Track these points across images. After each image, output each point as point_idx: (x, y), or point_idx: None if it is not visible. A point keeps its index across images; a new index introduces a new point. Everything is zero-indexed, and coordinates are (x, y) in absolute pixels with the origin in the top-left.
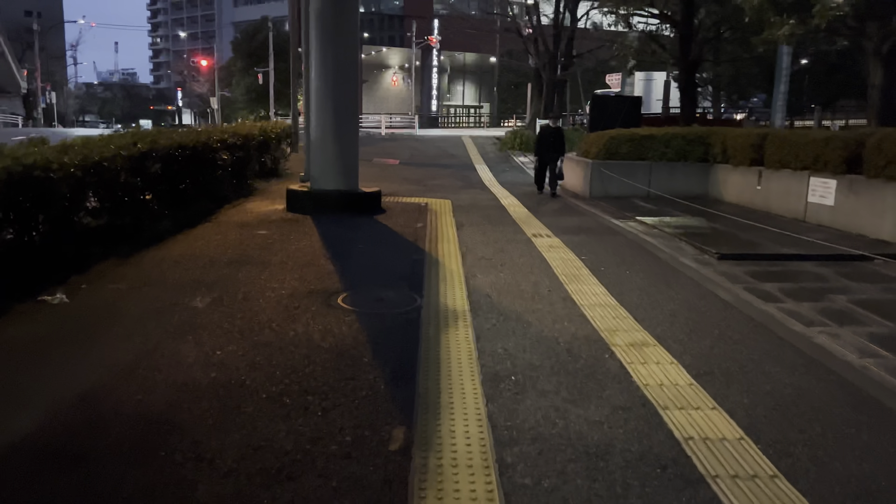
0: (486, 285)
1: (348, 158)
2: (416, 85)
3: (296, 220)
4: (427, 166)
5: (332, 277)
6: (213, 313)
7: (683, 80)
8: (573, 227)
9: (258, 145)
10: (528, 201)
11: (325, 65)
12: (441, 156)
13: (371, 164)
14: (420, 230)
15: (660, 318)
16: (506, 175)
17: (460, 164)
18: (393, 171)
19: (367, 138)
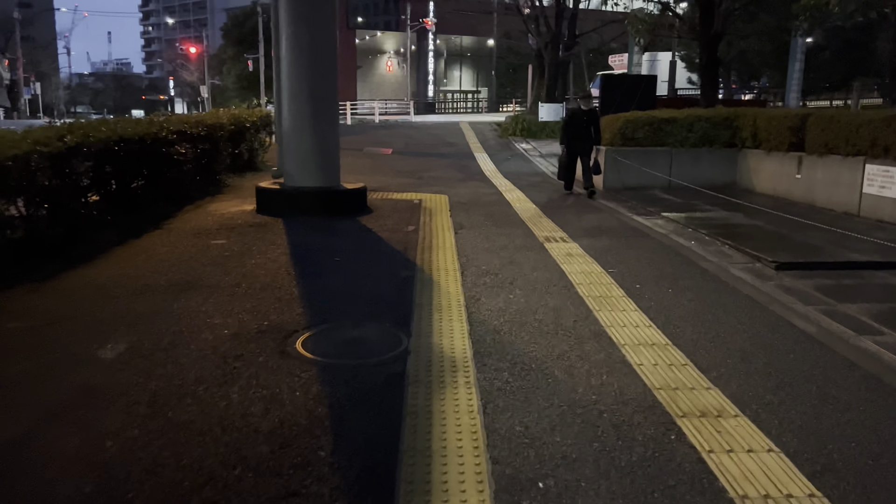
0: (493, 315)
1: (327, 151)
2: (411, 70)
3: (263, 225)
4: (423, 156)
5: (294, 307)
6: (122, 370)
7: (705, 56)
8: (592, 228)
9: (230, 135)
10: (536, 195)
11: (298, 44)
12: (438, 144)
13: (362, 155)
14: (411, 235)
15: (730, 366)
16: (508, 164)
17: (458, 153)
18: (385, 162)
19: (359, 126)
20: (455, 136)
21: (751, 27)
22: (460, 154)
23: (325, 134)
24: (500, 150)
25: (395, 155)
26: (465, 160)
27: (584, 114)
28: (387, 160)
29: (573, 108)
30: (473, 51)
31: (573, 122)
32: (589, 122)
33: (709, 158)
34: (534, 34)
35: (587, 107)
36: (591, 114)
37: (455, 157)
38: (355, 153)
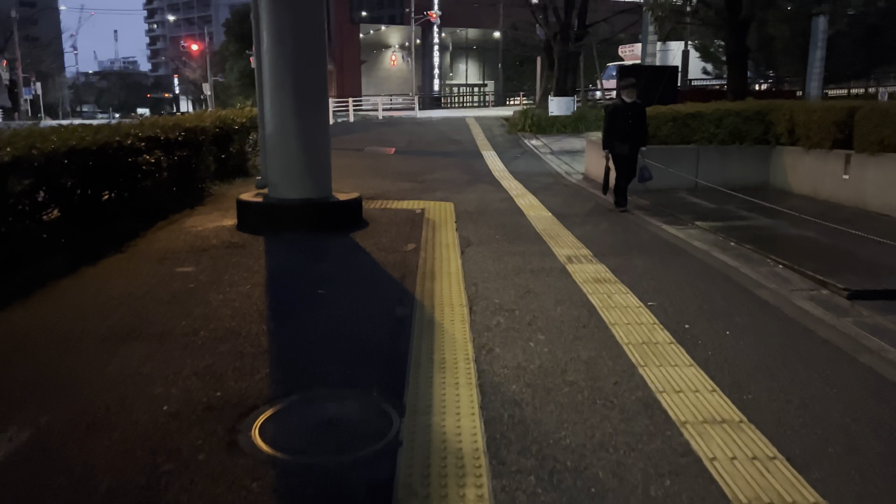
0: (511, 375)
1: (316, 156)
2: (416, 64)
3: (241, 246)
4: (427, 155)
5: (258, 366)
6: (11, 475)
7: (733, 43)
8: (619, 243)
9: (214, 139)
10: (551, 200)
11: (280, 33)
12: (443, 141)
13: (362, 155)
14: (411, 256)
15: (835, 461)
16: (518, 163)
17: (465, 152)
18: (387, 163)
19: (361, 123)
20: (461, 133)
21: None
22: (466, 153)
23: (313, 136)
24: (508, 147)
25: (397, 154)
26: (472, 159)
27: (628, 108)
28: (388, 161)
29: (614, 103)
30: (479, 43)
31: (616, 120)
32: (634, 118)
33: (739, 156)
34: (542, 25)
35: (630, 99)
36: (635, 108)
37: (461, 156)
38: (355, 153)
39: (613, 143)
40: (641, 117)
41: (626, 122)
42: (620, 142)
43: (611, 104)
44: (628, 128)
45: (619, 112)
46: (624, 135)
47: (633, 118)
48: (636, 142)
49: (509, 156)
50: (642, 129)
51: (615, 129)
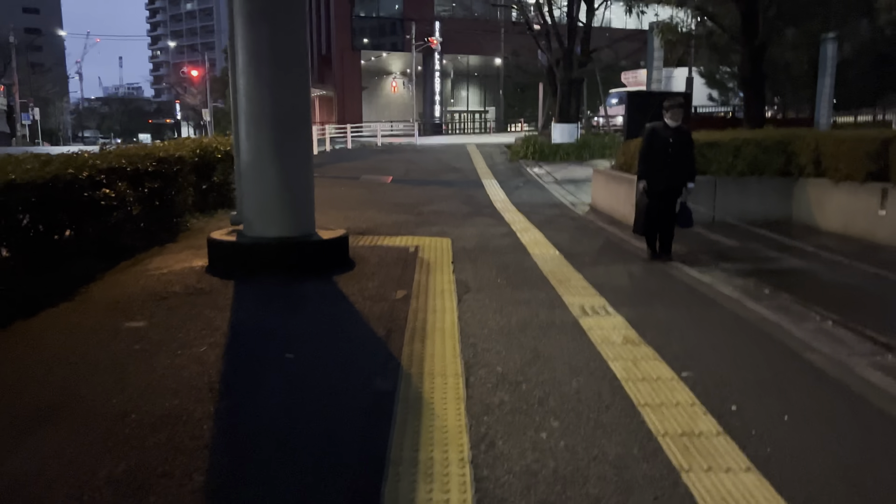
0: (518, 486)
1: (297, 190)
2: (417, 90)
3: (207, 294)
4: (425, 184)
5: (189, 474)
6: None
7: (749, 69)
8: (636, 289)
9: (194, 168)
10: (557, 236)
11: (258, 53)
12: (442, 170)
13: (357, 184)
14: (400, 307)
15: None
16: (521, 194)
17: (465, 181)
18: (382, 193)
19: (359, 151)
20: (461, 161)
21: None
22: (466, 182)
23: (293, 168)
24: (510, 175)
25: (394, 184)
26: (472, 189)
27: (671, 133)
28: (384, 191)
29: (653, 125)
30: (480, 70)
31: (654, 146)
32: (678, 145)
33: (759, 189)
34: (545, 51)
35: (675, 122)
36: (680, 135)
37: (460, 186)
38: (350, 182)
39: (650, 175)
40: (687, 146)
41: (667, 149)
42: (658, 174)
43: (650, 125)
44: (668, 157)
45: (658, 136)
46: (663, 165)
47: (677, 146)
48: (679, 175)
49: (511, 185)
50: (687, 159)
51: (653, 157)
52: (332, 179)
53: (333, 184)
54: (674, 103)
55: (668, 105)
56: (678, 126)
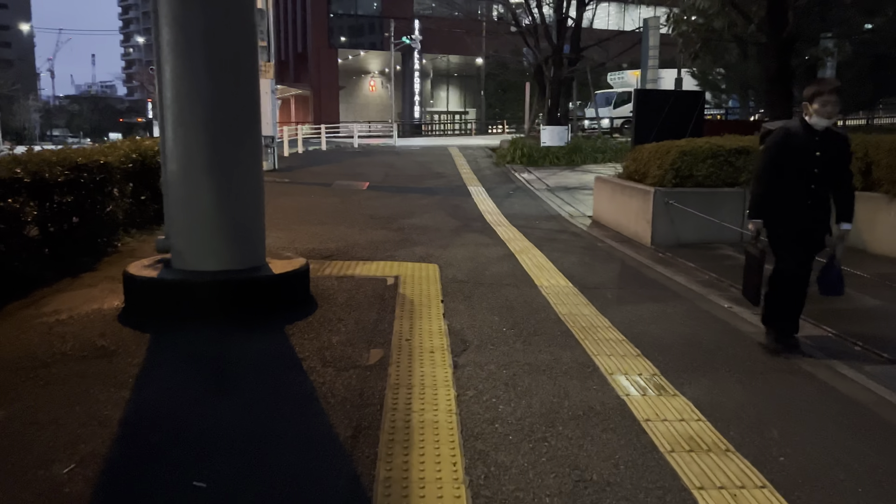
0: None
1: (242, 209)
2: (396, 90)
3: (109, 358)
4: (405, 192)
5: None
6: None
7: (774, 65)
8: (689, 345)
9: (129, 176)
10: (564, 259)
11: (188, 38)
12: (424, 175)
13: (329, 192)
14: (372, 381)
15: None
16: (512, 203)
17: (449, 188)
18: (357, 203)
19: (334, 153)
20: (444, 165)
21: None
22: (451, 189)
23: (237, 182)
24: (498, 181)
25: (370, 190)
26: (458, 197)
27: (820, 140)
28: (359, 199)
29: (788, 128)
30: (461, 70)
31: (789, 160)
32: (830, 160)
33: None
34: (533, 49)
35: (826, 121)
36: (833, 142)
37: (445, 194)
38: (321, 189)
39: (779, 209)
40: (843, 159)
41: (811, 166)
42: (795, 207)
43: (781, 126)
44: (814, 179)
45: (796, 144)
46: (804, 192)
47: (827, 160)
48: (825, 210)
49: (500, 193)
50: (843, 182)
51: (787, 179)
52: (301, 186)
53: (302, 191)
54: (827, 88)
55: (818, 92)
56: (830, 129)
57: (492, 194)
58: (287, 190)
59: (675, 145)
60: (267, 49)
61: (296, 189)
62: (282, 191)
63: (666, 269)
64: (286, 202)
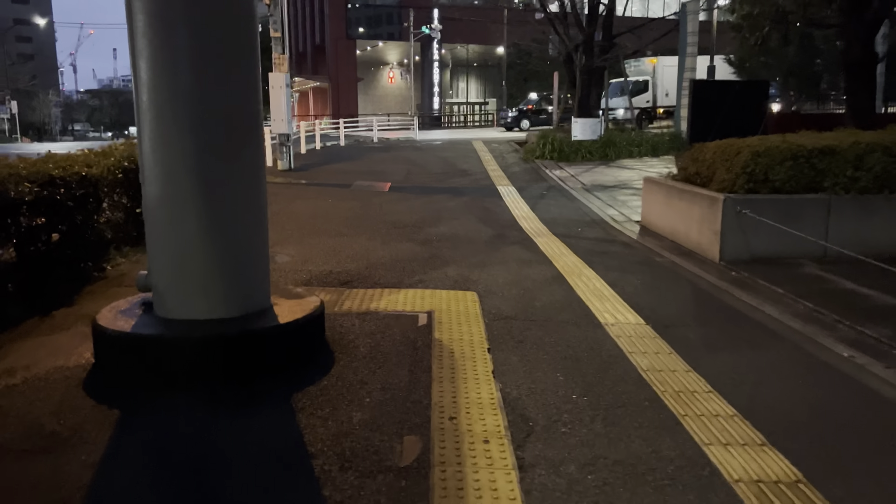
0: None
1: (238, 240)
2: (415, 81)
3: (62, 448)
4: (430, 193)
5: None
6: None
7: (857, 49)
8: (808, 415)
9: (119, 187)
10: (623, 281)
11: (167, 24)
12: (449, 173)
13: (348, 193)
14: (410, 483)
15: None
16: (548, 206)
17: (477, 188)
18: (379, 207)
19: (354, 149)
20: (469, 161)
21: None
22: (479, 189)
23: (230, 205)
24: (529, 180)
25: (392, 192)
26: (488, 199)
27: None
28: (381, 203)
29: None
30: (480, 60)
31: None
32: None
33: (889, 212)
34: (562, 36)
35: None
36: None
37: (473, 194)
38: (340, 192)
39: None
40: None
41: None
42: None
43: None
44: None
45: None
46: None
47: None
48: None
49: (533, 193)
50: None
51: None
52: (318, 188)
53: (319, 194)
54: None
55: None
56: None
57: (524, 195)
58: (303, 192)
59: (746, 145)
60: (281, 40)
61: (312, 192)
62: (297, 193)
63: (748, 294)
64: (302, 207)
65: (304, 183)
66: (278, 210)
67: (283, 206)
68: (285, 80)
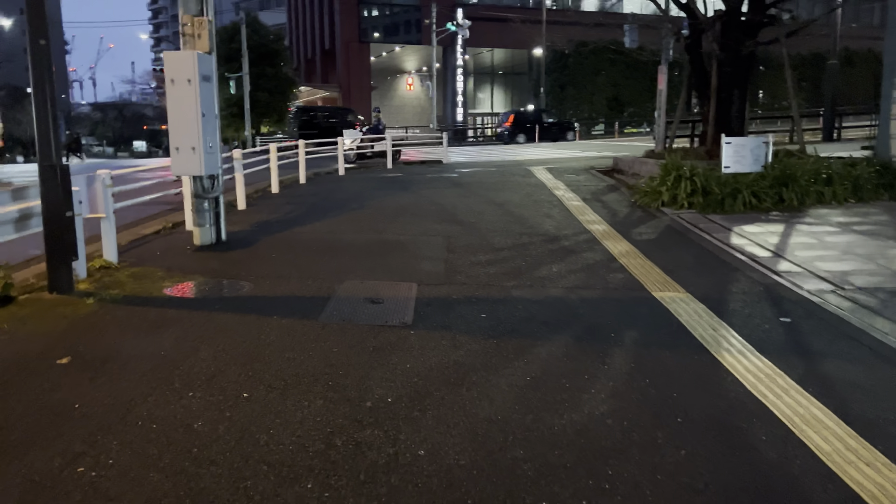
0: None
1: None
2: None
3: None
4: (511, 334)
5: None
6: None
7: None
8: None
9: None
10: None
11: None
12: (528, 247)
13: (316, 349)
14: None
15: None
16: (778, 348)
17: (614, 305)
18: (392, 425)
19: (356, 182)
20: (551, 213)
21: None
22: (620, 308)
23: None
24: (701, 270)
25: (422, 331)
26: (675, 360)
27: None
28: (402, 359)
29: None
30: (507, 66)
31: None
32: None
33: None
34: (692, 5)
35: None
36: None
37: (625, 343)
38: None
39: None
40: None
41: None
42: None
43: None
44: None
45: None
46: None
47: None
48: None
49: (738, 314)
50: None
51: None
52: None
53: (235, 356)
54: None
55: None
56: None
57: (752, 337)
58: (197, 348)
59: None
60: None
61: (221, 342)
62: (175, 354)
63: None
64: (181, 417)
65: (220, 297)
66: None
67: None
68: (198, 68)
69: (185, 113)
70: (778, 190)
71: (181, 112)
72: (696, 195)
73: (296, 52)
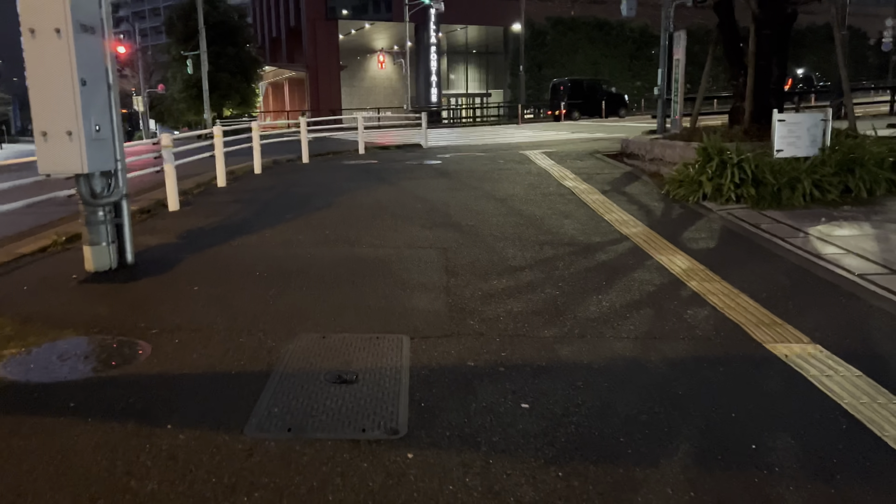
0: None
1: None
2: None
3: None
4: (595, 454)
5: None
6: None
7: None
8: None
9: None
10: None
11: None
12: (548, 258)
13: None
14: None
15: None
16: None
17: (693, 336)
18: None
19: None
20: (569, 211)
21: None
22: (692, 343)
23: None
24: (764, 272)
25: (423, 388)
26: (797, 430)
27: None
28: None
29: None
30: (481, 45)
31: None
32: None
33: None
34: None
35: None
36: None
37: (735, 418)
38: (233, 400)
39: None
40: None
41: None
42: None
43: None
44: None
45: None
46: None
47: None
48: None
49: None
50: None
51: None
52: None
53: None
54: None
55: None
56: None
57: None
58: None
59: None
60: None
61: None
62: None
63: None
64: None
65: (86, 381)
66: None
67: None
68: (71, 12)
69: (54, 80)
70: (843, 178)
71: (47, 79)
72: (746, 185)
73: (260, 30)
